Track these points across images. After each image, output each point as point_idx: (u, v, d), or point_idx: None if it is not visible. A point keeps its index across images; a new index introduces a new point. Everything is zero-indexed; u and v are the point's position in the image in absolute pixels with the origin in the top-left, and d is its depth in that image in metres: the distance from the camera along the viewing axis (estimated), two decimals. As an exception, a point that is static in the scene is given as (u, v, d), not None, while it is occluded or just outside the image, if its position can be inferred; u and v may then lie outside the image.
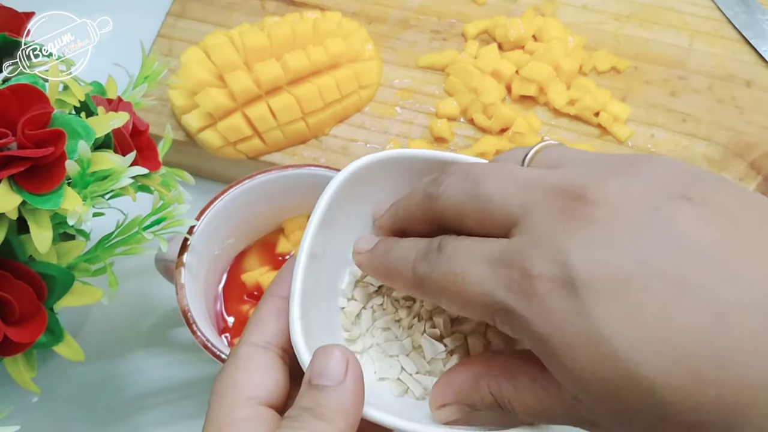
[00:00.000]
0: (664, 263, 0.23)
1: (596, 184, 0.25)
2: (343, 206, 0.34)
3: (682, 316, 0.22)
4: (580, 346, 0.23)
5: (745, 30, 0.63)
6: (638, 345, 0.22)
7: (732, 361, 0.22)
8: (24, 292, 0.37)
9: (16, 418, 0.50)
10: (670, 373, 0.22)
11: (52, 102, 0.38)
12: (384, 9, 0.64)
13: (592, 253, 0.24)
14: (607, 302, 0.23)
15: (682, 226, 0.24)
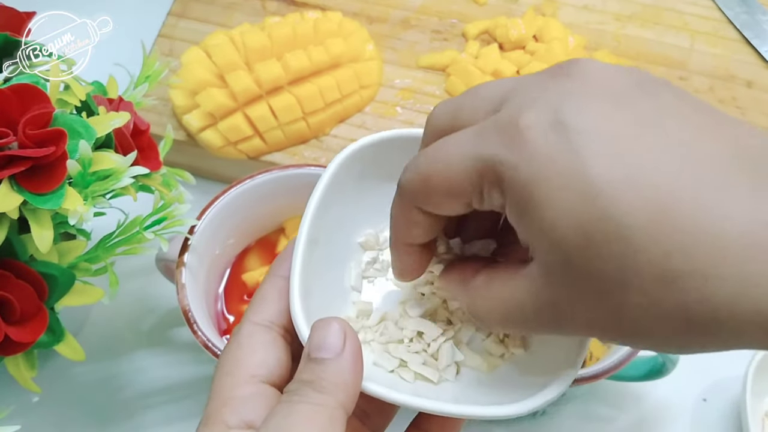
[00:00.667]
0: (652, 118, 0.24)
1: (584, 60, 0.26)
2: (342, 190, 0.33)
3: (667, 163, 0.23)
4: (562, 187, 0.23)
5: (746, 30, 0.63)
6: (620, 185, 0.22)
7: (710, 211, 0.22)
8: (25, 292, 0.37)
9: (17, 417, 0.50)
10: (645, 216, 0.22)
11: (53, 102, 0.38)
12: (385, 9, 0.64)
13: (584, 102, 0.24)
14: (595, 143, 0.23)
15: (666, 96, 0.25)
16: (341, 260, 0.35)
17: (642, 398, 0.52)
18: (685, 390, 0.53)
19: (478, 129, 0.26)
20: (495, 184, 0.25)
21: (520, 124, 0.24)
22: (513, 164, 0.24)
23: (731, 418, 0.52)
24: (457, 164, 0.26)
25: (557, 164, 0.23)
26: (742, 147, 0.23)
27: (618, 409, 0.52)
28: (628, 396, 0.52)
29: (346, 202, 0.34)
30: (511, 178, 0.24)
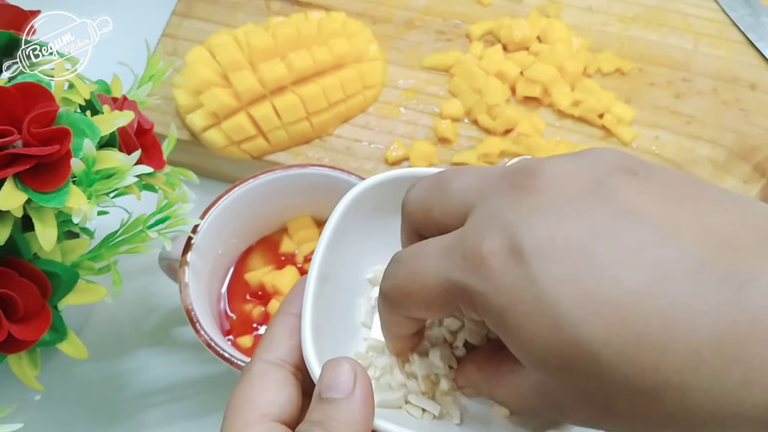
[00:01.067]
0: (607, 227, 0.23)
1: (547, 161, 0.26)
2: (352, 227, 0.34)
3: (625, 277, 0.22)
4: (529, 314, 0.23)
5: (750, 32, 0.63)
6: (582, 308, 0.22)
7: (675, 320, 0.22)
8: (28, 290, 0.37)
9: (19, 415, 0.50)
10: (612, 335, 0.22)
11: (58, 100, 0.38)
12: (389, 9, 0.64)
13: (539, 221, 0.24)
14: (552, 267, 0.23)
15: (625, 194, 0.24)
16: (351, 296, 0.35)
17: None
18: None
19: (446, 247, 0.26)
20: (470, 307, 0.26)
21: (483, 251, 0.25)
22: (482, 293, 0.25)
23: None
24: (432, 284, 0.26)
25: (520, 293, 0.24)
26: (710, 230, 0.23)
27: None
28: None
29: (355, 239, 0.34)
30: (483, 304, 0.25)
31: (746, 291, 0.21)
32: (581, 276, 0.23)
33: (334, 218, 0.33)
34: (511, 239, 0.24)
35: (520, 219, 0.24)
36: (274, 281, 0.49)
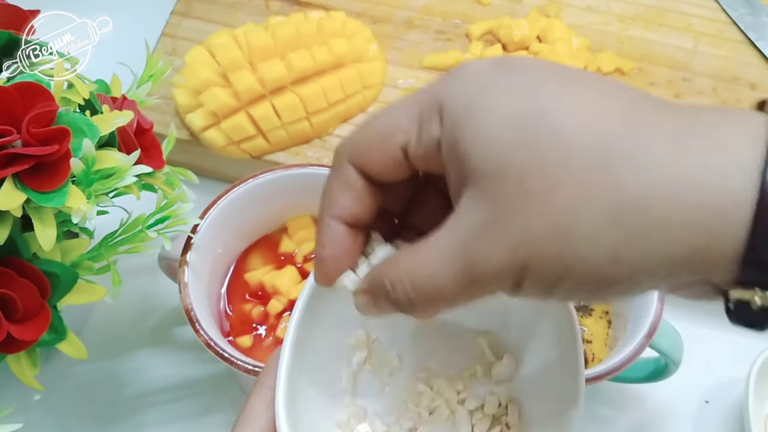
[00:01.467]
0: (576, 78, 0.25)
1: None
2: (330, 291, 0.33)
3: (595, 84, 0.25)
4: (503, 90, 0.24)
5: (750, 32, 0.63)
6: (559, 90, 0.24)
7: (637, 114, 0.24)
8: (27, 290, 0.37)
9: (19, 415, 0.50)
10: (577, 108, 0.24)
11: (57, 100, 0.38)
12: (388, 9, 0.64)
13: (526, 60, 0.26)
14: (537, 69, 0.25)
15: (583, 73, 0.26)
16: (332, 362, 0.34)
17: (644, 400, 0.52)
18: (688, 392, 0.52)
19: (420, 88, 0.27)
20: (435, 114, 0.26)
21: (467, 66, 0.26)
22: (456, 89, 0.25)
23: (733, 420, 0.51)
24: (399, 107, 0.27)
25: (498, 81, 0.25)
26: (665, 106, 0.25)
27: (620, 410, 0.52)
28: (631, 397, 0.52)
29: (334, 303, 0.33)
30: (453, 100, 0.25)
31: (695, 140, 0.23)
32: (562, 75, 0.25)
33: (310, 282, 0.32)
34: (496, 61, 0.26)
35: (505, 58, 0.26)
36: (273, 281, 0.49)
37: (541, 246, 0.23)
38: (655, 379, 0.47)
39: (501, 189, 0.24)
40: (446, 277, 0.25)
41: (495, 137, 0.24)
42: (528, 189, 0.23)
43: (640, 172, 0.22)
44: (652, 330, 0.43)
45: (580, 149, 0.23)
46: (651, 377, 0.47)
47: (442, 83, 0.26)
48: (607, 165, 0.23)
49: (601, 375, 0.42)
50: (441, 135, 0.25)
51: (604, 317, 0.47)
